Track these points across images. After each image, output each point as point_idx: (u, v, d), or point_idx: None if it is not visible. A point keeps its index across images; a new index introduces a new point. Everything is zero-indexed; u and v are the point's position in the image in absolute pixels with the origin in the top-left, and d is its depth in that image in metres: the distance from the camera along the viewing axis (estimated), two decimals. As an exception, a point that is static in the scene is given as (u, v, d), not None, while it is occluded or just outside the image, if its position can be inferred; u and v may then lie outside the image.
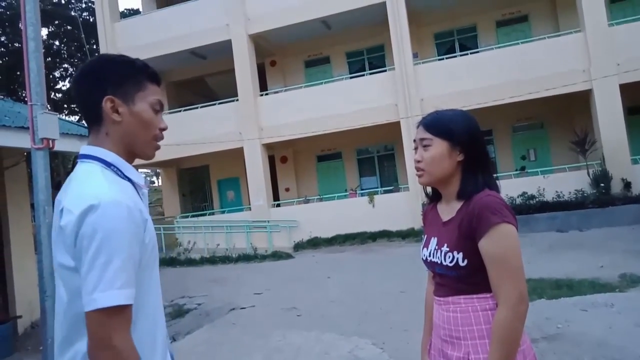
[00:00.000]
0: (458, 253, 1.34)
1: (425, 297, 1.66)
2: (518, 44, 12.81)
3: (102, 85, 1.16)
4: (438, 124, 1.44)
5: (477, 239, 1.31)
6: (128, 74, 1.20)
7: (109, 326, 0.99)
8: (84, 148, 1.19)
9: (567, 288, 5.51)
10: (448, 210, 1.46)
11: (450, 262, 1.35)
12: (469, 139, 1.42)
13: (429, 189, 1.57)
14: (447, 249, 1.37)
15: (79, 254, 1.03)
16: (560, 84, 11.84)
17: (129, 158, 1.22)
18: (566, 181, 11.80)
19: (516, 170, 14.02)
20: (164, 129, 1.27)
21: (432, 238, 1.48)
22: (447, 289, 1.41)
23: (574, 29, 12.49)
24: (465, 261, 1.33)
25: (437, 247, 1.42)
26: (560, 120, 14.04)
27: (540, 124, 14.59)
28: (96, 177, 1.11)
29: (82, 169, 1.15)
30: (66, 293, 1.09)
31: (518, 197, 11.76)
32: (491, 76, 12.47)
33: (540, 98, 12.20)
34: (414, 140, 1.49)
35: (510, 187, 12.07)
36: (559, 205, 11.07)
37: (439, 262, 1.40)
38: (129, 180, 1.18)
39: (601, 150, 11.64)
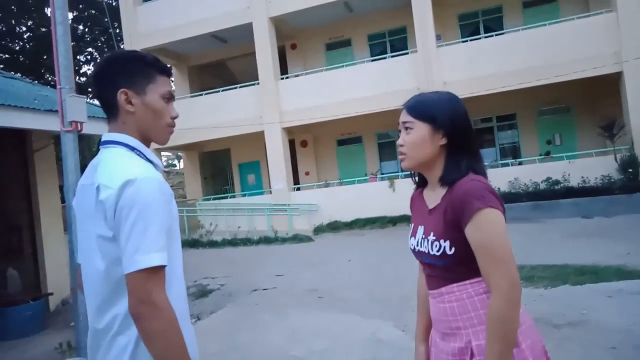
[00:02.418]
0: (445, 241, 1.30)
1: (417, 288, 1.62)
2: (545, 25, 12.43)
3: (116, 80, 1.28)
4: (420, 107, 1.39)
5: (462, 226, 1.27)
6: (139, 68, 1.30)
7: (149, 285, 1.11)
8: (107, 135, 1.31)
9: (592, 274, 5.42)
10: (433, 196, 1.41)
11: (437, 251, 1.32)
12: (452, 122, 1.35)
13: (416, 175, 1.53)
14: (434, 238, 1.33)
15: (118, 224, 1.14)
16: (589, 66, 11.49)
17: (145, 143, 1.33)
18: (592, 166, 11.53)
19: (541, 155, 13.75)
20: (176, 117, 1.37)
21: (419, 226, 1.43)
22: (438, 280, 1.37)
23: (605, 9, 12.06)
24: (453, 249, 1.29)
25: (423, 236, 1.38)
26: (588, 104, 13.67)
27: (566, 107, 14.22)
28: (127, 158, 1.24)
29: (110, 152, 1.26)
30: (104, 262, 1.19)
31: (542, 182, 11.56)
32: (517, 59, 12.17)
33: (567, 81, 11.87)
34: (399, 123, 1.45)
35: (535, 172, 11.89)
36: (584, 191, 10.84)
37: (426, 251, 1.36)
38: (150, 162, 1.29)
39: (630, 135, 11.31)
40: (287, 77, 15.62)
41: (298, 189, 15.21)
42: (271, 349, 4.22)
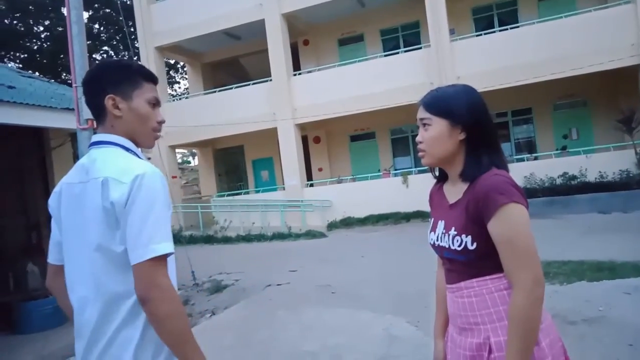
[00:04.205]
0: (466, 236, 1.29)
1: (436, 283, 1.62)
2: (561, 17, 12.23)
3: (104, 86, 1.34)
4: (436, 103, 1.37)
5: (485, 221, 1.25)
6: (125, 76, 1.37)
7: (157, 270, 1.17)
8: (98, 136, 1.36)
9: (609, 271, 5.34)
10: (454, 191, 1.40)
11: (459, 246, 1.30)
12: (471, 116, 1.33)
13: (436, 169, 1.52)
14: (455, 233, 1.32)
15: (126, 216, 1.18)
16: (606, 59, 11.27)
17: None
18: (610, 161, 11.34)
19: (557, 149, 13.56)
20: (162, 122, 1.43)
21: (439, 221, 1.42)
22: (458, 274, 1.36)
23: (623, 0, 11.81)
24: (474, 244, 1.27)
25: (444, 231, 1.37)
26: (605, 97, 13.42)
27: (583, 101, 13.99)
28: (127, 156, 1.30)
29: (106, 151, 1.31)
30: (103, 270, 1.23)
31: (558, 177, 11.41)
32: (532, 52, 12.00)
33: (584, 74, 11.66)
34: (417, 120, 1.43)
35: (551, 167, 11.74)
36: (601, 186, 10.67)
37: (446, 246, 1.35)
38: None
39: (649, 129, 11.09)
40: (299, 74, 15.61)
41: (311, 185, 15.24)
42: (285, 344, 4.26)
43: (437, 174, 1.54)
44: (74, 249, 1.30)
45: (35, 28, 25.02)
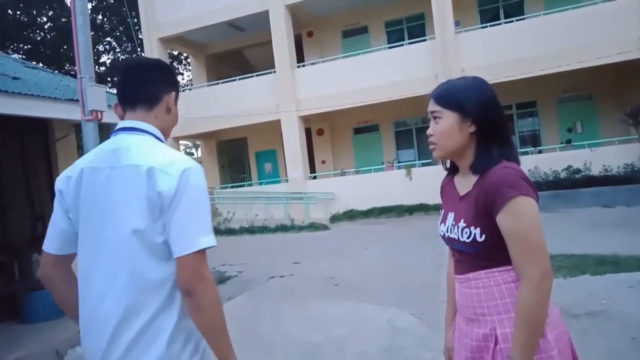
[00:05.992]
0: (475, 229, 1.30)
1: (447, 273, 1.63)
2: (568, 9, 12.12)
3: (172, 82, 1.46)
4: (447, 95, 1.38)
5: (494, 214, 1.25)
6: (178, 82, 1.52)
7: (202, 262, 1.22)
8: (133, 122, 1.35)
9: (613, 264, 5.34)
10: (465, 183, 1.41)
11: (468, 237, 1.31)
12: (481, 109, 1.33)
13: (447, 161, 1.53)
14: (464, 225, 1.33)
15: (174, 208, 1.20)
16: (612, 51, 11.18)
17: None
18: (615, 155, 11.30)
19: (562, 143, 13.51)
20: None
21: (449, 213, 1.44)
22: (467, 266, 1.37)
23: (631, -8, 11.69)
24: (483, 236, 1.28)
25: (454, 223, 1.39)
26: (611, 91, 13.34)
27: (588, 95, 13.90)
28: (164, 147, 1.34)
29: (141, 139, 1.31)
30: (139, 259, 1.22)
31: (563, 171, 11.37)
32: (538, 45, 11.90)
33: (590, 67, 11.58)
34: (427, 113, 1.43)
35: (555, 160, 11.70)
36: (606, 180, 10.64)
37: (456, 238, 1.36)
38: None
39: (655, 123, 11.01)
40: (303, 65, 15.56)
41: (314, 177, 15.24)
42: (289, 335, 4.28)
43: (447, 165, 1.55)
44: (99, 237, 1.25)
45: (39, 19, 24.97)
